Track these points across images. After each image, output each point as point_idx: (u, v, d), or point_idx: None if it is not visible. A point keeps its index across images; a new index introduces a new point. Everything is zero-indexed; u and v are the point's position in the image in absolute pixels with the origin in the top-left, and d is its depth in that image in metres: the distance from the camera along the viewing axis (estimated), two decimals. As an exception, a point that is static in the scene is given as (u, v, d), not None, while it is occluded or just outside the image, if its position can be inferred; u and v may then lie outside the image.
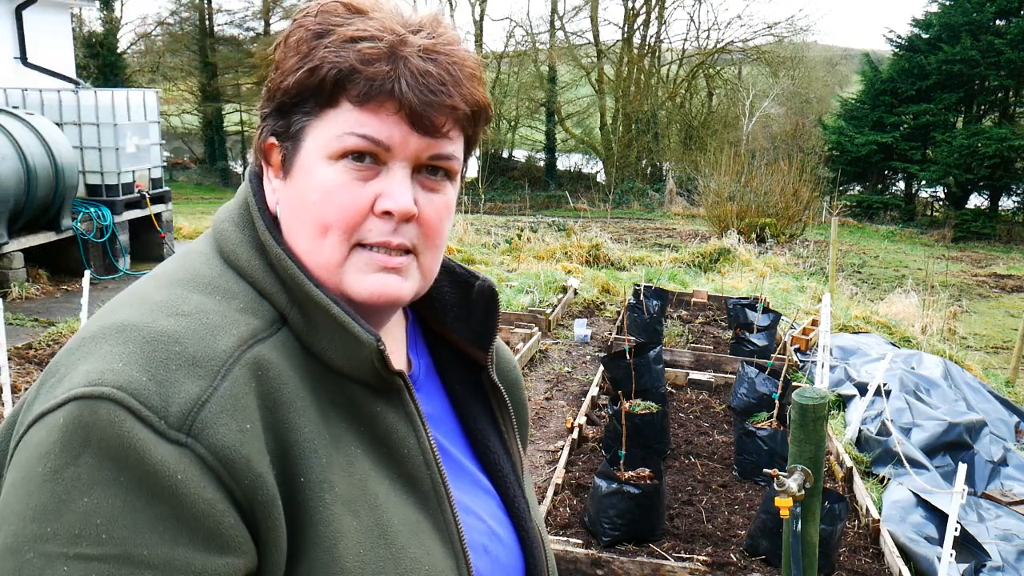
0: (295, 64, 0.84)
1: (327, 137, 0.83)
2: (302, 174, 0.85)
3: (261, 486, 0.74)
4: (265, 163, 0.90)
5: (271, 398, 0.78)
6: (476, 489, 0.98)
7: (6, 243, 8.25)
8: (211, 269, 0.86)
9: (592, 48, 28.33)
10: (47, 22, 11.67)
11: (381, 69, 0.81)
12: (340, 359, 0.84)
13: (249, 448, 0.74)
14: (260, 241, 0.87)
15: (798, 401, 2.66)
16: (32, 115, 8.83)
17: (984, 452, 5.34)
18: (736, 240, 13.53)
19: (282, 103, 0.86)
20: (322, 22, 0.84)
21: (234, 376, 0.76)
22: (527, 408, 1.20)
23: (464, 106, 0.86)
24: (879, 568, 3.96)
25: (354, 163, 0.83)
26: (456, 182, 0.92)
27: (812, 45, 30.59)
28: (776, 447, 4.69)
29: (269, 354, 0.80)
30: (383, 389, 0.87)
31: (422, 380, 1.00)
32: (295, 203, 0.86)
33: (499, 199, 23.13)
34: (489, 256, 12.13)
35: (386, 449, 0.86)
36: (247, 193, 0.91)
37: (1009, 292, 13.92)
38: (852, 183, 25.10)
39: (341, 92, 0.82)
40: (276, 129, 0.87)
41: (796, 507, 2.70)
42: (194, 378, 0.74)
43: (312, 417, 0.81)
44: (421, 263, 0.88)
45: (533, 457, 5.18)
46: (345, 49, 0.82)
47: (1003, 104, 23.47)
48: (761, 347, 6.92)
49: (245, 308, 0.83)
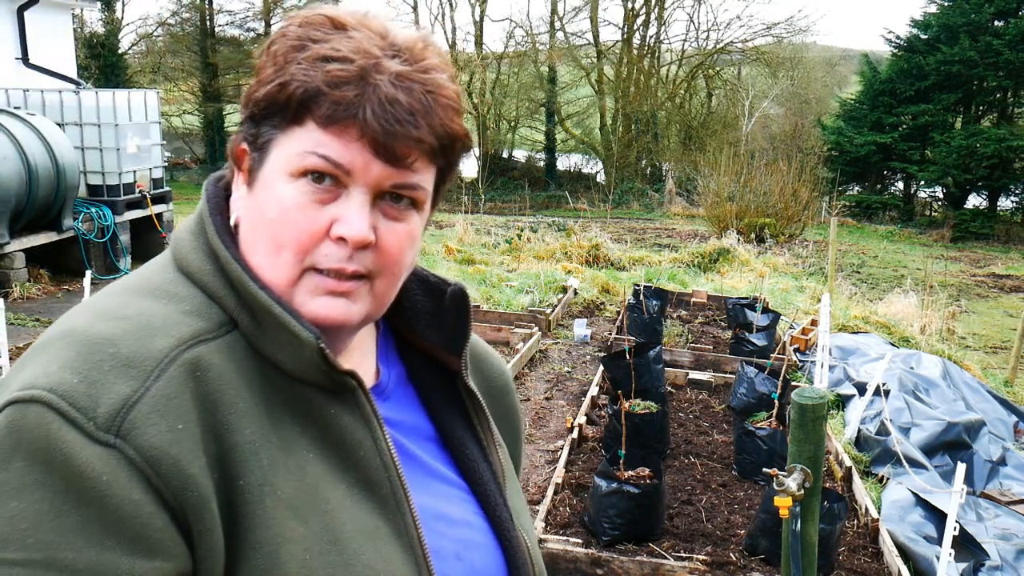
0: (270, 75, 0.83)
1: (289, 154, 0.82)
2: (263, 187, 0.84)
3: (191, 487, 0.73)
4: (237, 168, 0.89)
5: (211, 399, 0.77)
6: (450, 495, 0.95)
7: (7, 243, 8.26)
8: (162, 275, 0.86)
9: (592, 49, 28.31)
10: (48, 23, 11.68)
11: (347, 94, 0.79)
12: (289, 361, 0.83)
13: (180, 448, 0.73)
14: (212, 246, 0.86)
15: (797, 401, 2.68)
16: (33, 115, 8.85)
17: (983, 452, 5.36)
18: (735, 240, 13.54)
19: (253, 113, 0.85)
20: (302, 36, 0.83)
21: (169, 376, 0.75)
22: (519, 415, 1.18)
23: (432, 139, 0.83)
24: (878, 567, 3.98)
25: (313, 184, 0.82)
26: (424, 211, 0.90)
27: (811, 46, 30.60)
28: (775, 447, 4.70)
29: (211, 355, 0.79)
30: (337, 391, 0.85)
31: (392, 389, 0.98)
32: (254, 215, 0.85)
33: (499, 199, 23.12)
34: (489, 256, 12.13)
35: (343, 453, 0.84)
36: (203, 201, 0.91)
37: (1008, 292, 13.93)
38: (851, 183, 25.09)
39: (306, 112, 0.81)
40: (248, 136, 0.86)
41: (795, 507, 2.71)
42: (126, 379, 0.74)
43: (257, 419, 0.79)
44: (375, 288, 0.86)
45: (533, 457, 5.19)
46: (316, 68, 0.80)
47: (1002, 105, 23.47)
48: (760, 347, 6.94)
49: (191, 311, 0.82)
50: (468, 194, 17.03)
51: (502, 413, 1.12)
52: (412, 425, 0.97)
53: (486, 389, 1.09)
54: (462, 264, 11.10)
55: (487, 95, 27.65)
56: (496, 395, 1.11)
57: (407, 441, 0.94)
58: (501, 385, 1.13)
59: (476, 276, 10.07)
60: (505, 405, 1.13)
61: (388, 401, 0.96)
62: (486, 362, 1.13)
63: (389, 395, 0.97)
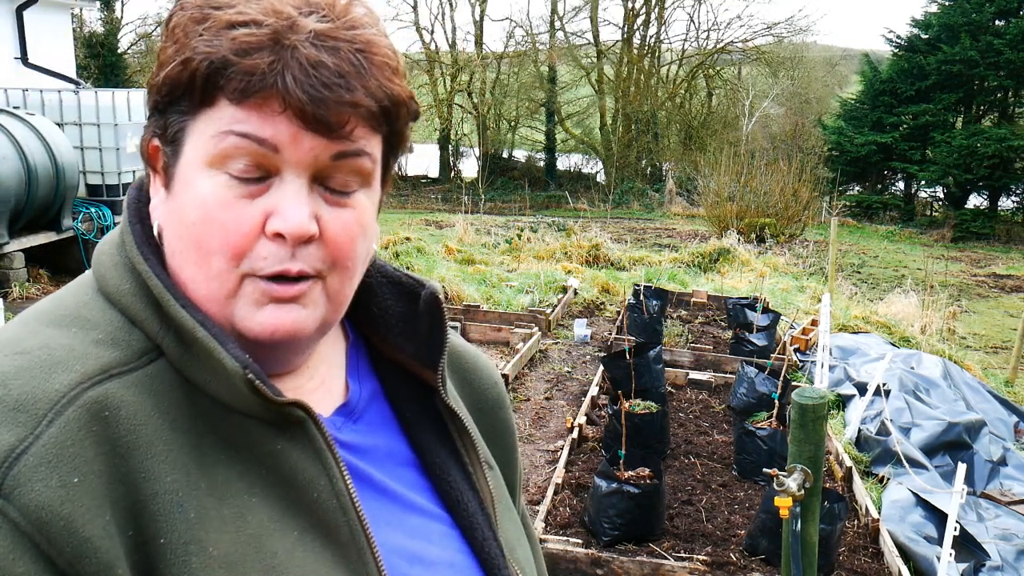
0: (171, 55, 0.70)
1: (204, 139, 0.70)
2: (181, 186, 0.72)
3: (89, 552, 0.61)
4: (152, 169, 0.76)
5: (121, 443, 0.65)
6: (430, 531, 0.83)
7: (7, 243, 8.25)
8: (78, 298, 0.74)
9: (592, 48, 28.32)
10: (48, 22, 11.68)
11: (261, 61, 0.67)
12: (225, 391, 0.70)
13: (74, 507, 0.61)
14: (132, 261, 0.74)
15: (798, 401, 2.67)
16: (33, 115, 8.84)
17: (983, 452, 5.35)
18: (736, 240, 13.54)
19: (156, 101, 0.72)
20: (202, 4, 0.70)
21: (65, 420, 0.64)
22: (514, 431, 1.03)
23: (370, 102, 0.71)
24: (878, 568, 3.97)
25: (239, 174, 0.70)
26: (373, 189, 0.77)
27: (812, 45, 30.61)
28: (776, 447, 4.70)
29: (122, 392, 0.67)
30: (283, 424, 0.72)
31: (363, 408, 0.85)
32: (175, 221, 0.73)
33: (499, 199, 23.13)
34: (489, 256, 12.13)
35: (293, 495, 0.72)
36: (124, 206, 0.79)
37: (1008, 292, 13.92)
38: (851, 183, 25.09)
39: (216, 89, 0.69)
40: (156, 130, 0.74)
41: (796, 507, 2.71)
42: (12, 426, 0.62)
43: (182, 464, 0.67)
44: (327, 288, 0.74)
45: (533, 457, 5.19)
46: (220, 37, 0.68)
47: (1002, 104, 23.46)
48: (761, 347, 6.93)
49: (104, 340, 0.70)
50: (468, 194, 17.05)
51: (494, 430, 0.98)
52: (387, 449, 0.85)
53: (475, 403, 0.97)
54: (462, 264, 11.10)
55: (487, 95, 27.65)
56: (487, 410, 0.98)
57: (377, 471, 0.82)
58: (493, 398, 0.99)
59: (476, 276, 10.07)
60: (498, 420, 0.99)
61: (359, 422, 0.84)
62: (476, 373, 0.99)
63: (360, 415, 0.84)
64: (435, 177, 27.96)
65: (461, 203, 16.73)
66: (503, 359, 7.02)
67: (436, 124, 27.29)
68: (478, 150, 27.80)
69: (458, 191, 21.61)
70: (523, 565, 0.89)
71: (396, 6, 27.40)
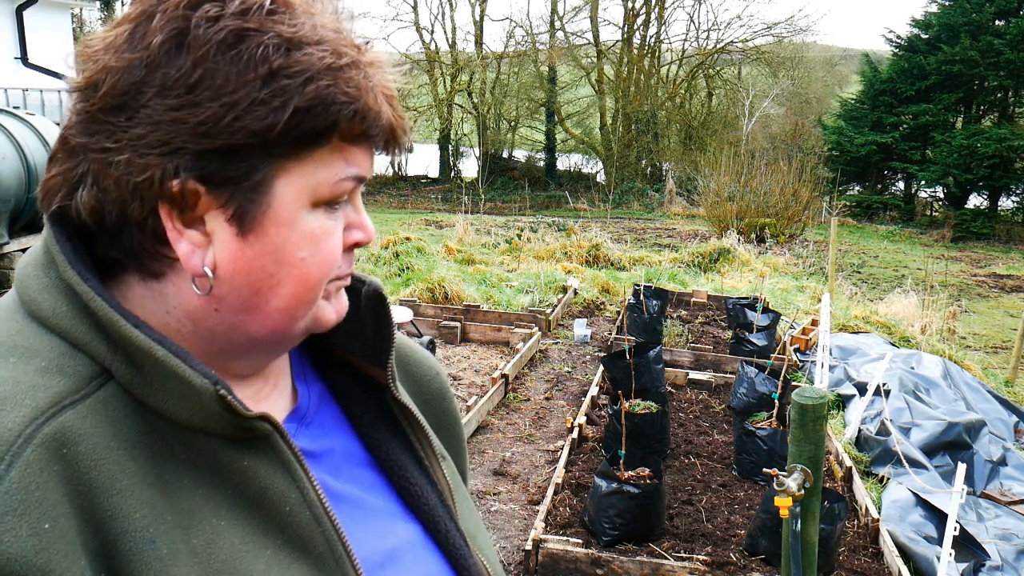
0: (260, 94, 0.64)
1: (312, 184, 0.69)
2: (279, 229, 0.69)
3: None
4: (169, 210, 0.67)
5: (84, 480, 0.61)
6: (395, 530, 0.82)
7: (7, 243, 8.25)
8: (8, 325, 0.68)
9: (592, 48, 28.31)
10: (48, 22, 11.69)
11: (370, 98, 0.69)
12: (184, 412, 0.67)
13: (49, 555, 0.57)
14: (66, 281, 0.68)
15: (798, 401, 2.68)
16: (33, 115, 8.85)
17: (983, 452, 5.35)
18: (736, 240, 13.54)
19: (235, 145, 0.65)
20: (268, 27, 0.66)
21: (24, 462, 0.59)
22: (459, 420, 1.03)
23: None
24: (878, 567, 3.97)
25: (334, 206, 0.73)
26: None
27: (812, 45, 30.57)
28: (776, 447, 4.70)
29: (79, 423, 0.63)
30: (247, 439, 0.70)
31: (314, 412, 0.84)
32: (266, 262, 0.70)
33: (499, 199, 23.13)
34: (489, 256, 12.13)
35: (264, 512, 0.70)
36: (47, 225, 0.71)
37: (1008, 292, 13.92)
38: (852, 183, 25.09)
39: (335, 130, 0.68)
40: (209, 173, 0.66)
41: (796, 507, 2.71)
42: None
43: (147, 497, 0.64)
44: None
45: (533, 457, 5.19)
46: (329, 76, 0.67)
47: (1002, 104, 23.46)
48: (761, 347, 6.93)
49: (48, 367, 0.65)
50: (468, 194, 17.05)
51: (440, 420, 0.98)
52: (342, 452, 0.83)
53: (419, 395, 0.96)
54: (462, 264, 11.10)
55: (487, 95, 27.65)
56: (431, 400, 0.98)
57: (334, 478, 0.80)
58: (436, 389, 0.99)
59: (476, 276, 10.07)
60: (442, 411, 0.99)
61: (311, 427, 0.83)
62: (416, 365, 0.99)
63: (311, 419, 0.83)
64: (435, 177, 27.96)
65: (461, 203, 16.73)
66: (503, 359, 7.02)
67: (436, 124, 27.28)
68: (478, 150, 27.79)
69: (458, 191, 21.61)
70: (486, 552, 0.89)
71: (396, 6, 27.51)
